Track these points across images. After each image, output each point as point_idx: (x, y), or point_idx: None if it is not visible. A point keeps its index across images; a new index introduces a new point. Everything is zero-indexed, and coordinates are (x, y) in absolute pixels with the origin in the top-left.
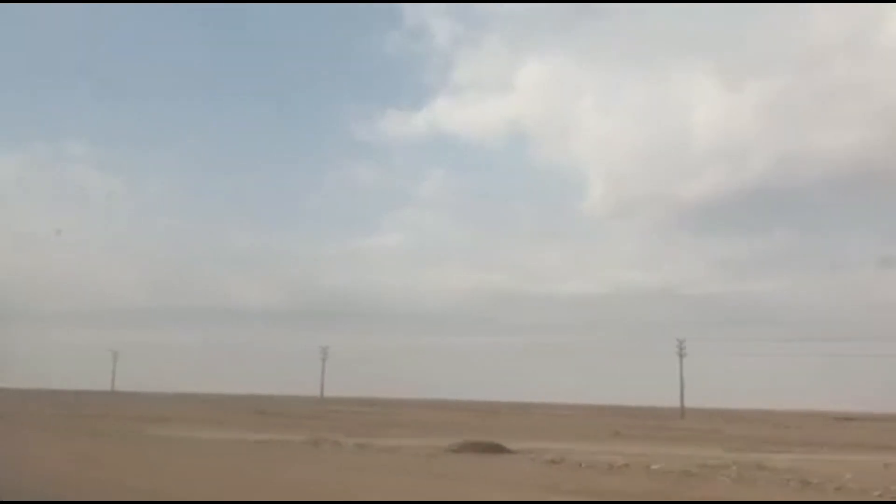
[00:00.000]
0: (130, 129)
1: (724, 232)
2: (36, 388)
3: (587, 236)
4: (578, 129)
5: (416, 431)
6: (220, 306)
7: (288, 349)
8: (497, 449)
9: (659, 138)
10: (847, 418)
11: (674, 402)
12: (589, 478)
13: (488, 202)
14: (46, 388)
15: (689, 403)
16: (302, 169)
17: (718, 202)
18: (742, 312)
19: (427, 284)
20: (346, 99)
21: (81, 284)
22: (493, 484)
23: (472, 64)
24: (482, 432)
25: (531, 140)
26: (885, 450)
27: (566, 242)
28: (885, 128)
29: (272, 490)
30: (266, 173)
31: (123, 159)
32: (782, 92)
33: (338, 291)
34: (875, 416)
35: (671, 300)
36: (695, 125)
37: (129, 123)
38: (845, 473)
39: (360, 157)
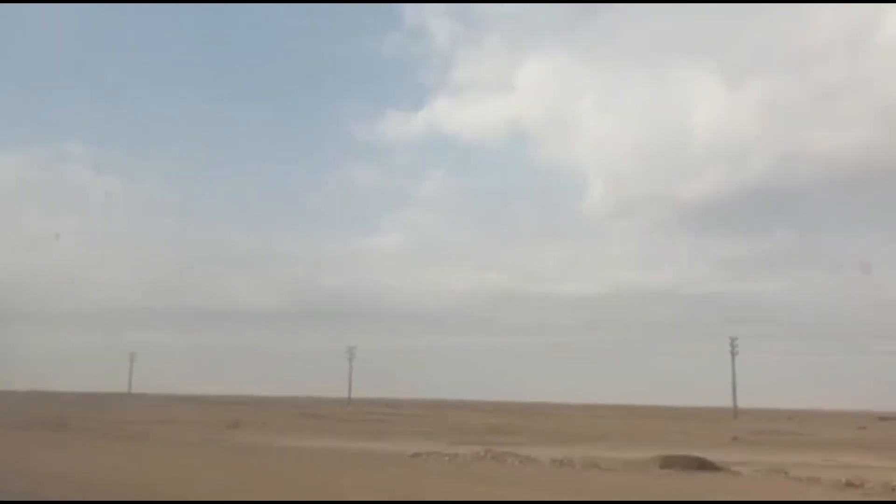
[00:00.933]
0: (130, 129)
1: (725, 232)
2: (48, 390)
3: (587, 236)
4: (578, 129)
5: (533, 439)
6: (220, 307)
7: (289, 349)
8: (706, 465)
9: (659, 138)
10: (884, 418)
11: (687, 402)
12: None
13: (488, 202)
14: (62, 390)
15: (697, 403)
16: (302, 169)
17: (719, 202)
18: (743, 312)
19: (427, 285)
20: (346, 99)
21: (83, 286)
22: None
23: (472, 64)
24: (587, 440)
25: (531, 140)
26: None
27: (566, 242)
28: (886, 127)
29: None
30: (266, 173)
31: (123, 160)
32: (782, 91)
33: (338, 292)
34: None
35: (671, 300)
36: (695, 125)
37: (128, 124)
38: None
39: (360, 157)
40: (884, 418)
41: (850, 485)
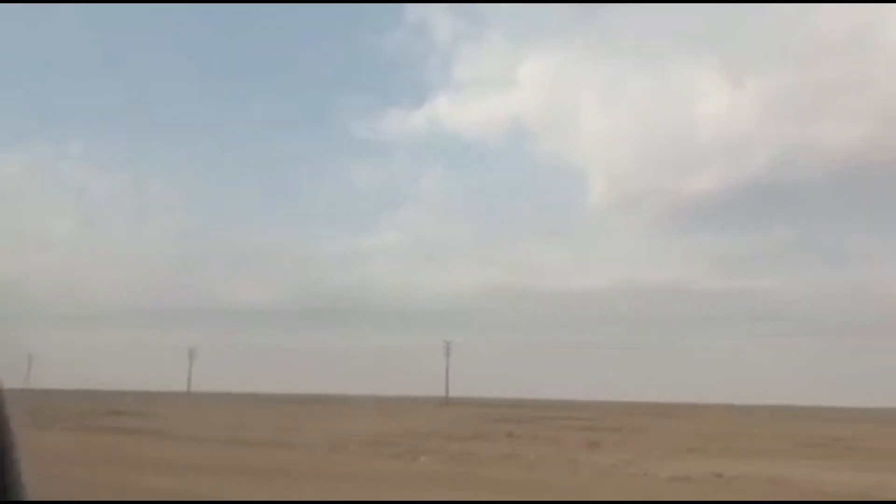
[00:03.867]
0: (131, 128)
1: (727, 227)
2: (101, 388)
3: (589, 232)
4: (580, 125)
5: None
6: (216, 307)
7: (291, 348)
8: None
9: (661, 134)
10: None
11: (706, 399)
12: None
13: (490, 199)
14: (116, 389)
15: (720, 400)
16: (302, 167)
17: (721, 197)
18: (744, 308)
19: (428, 283)
20: (347, 97)
21: (86, 286)
22: None
23: (474, 60)
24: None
25: (533, 136)
26: None
27: (568, 239)
28: (887, 123)
29: None
30: (267, 172)
31: (123, 159)
32: (785, 87)
33: (338, 291)
34: None
35: (673, 296)
36: (697, 120)
37: (129, 122)
38: None
39: (360, 155)
40: None
41: None
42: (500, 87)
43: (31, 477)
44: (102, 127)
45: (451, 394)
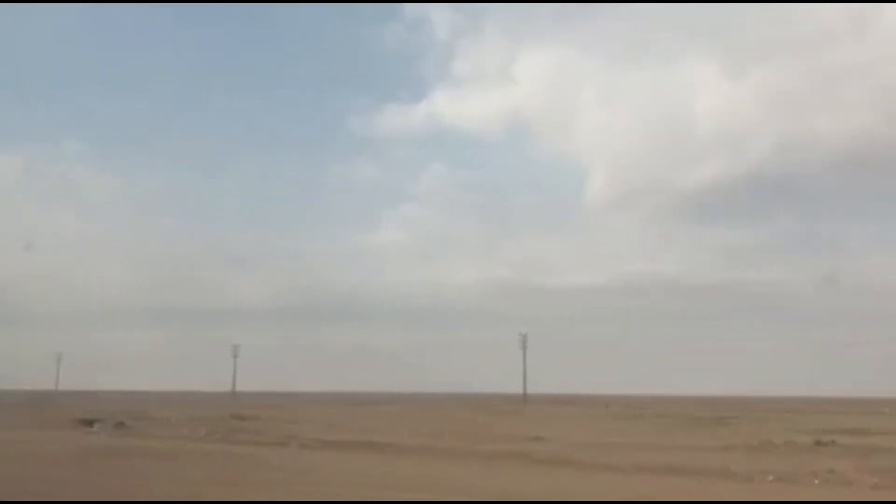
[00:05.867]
0: (129, 127)
1: (727, 220)
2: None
3: (589, 227)
4: (579, 120)
5: None
6: (224, 307)
7: (300, 347)
8: None
9: (660, 127)
10: None
11: (692, 391)
12: None
13: (490, 195)
14: (150, 389)
15: (669, 391)
16: (303, 166)
17: (721, 190)
18: (746, 301)
19: (429, 280)
20: (346, 94)
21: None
22: None
23: (472, 56)
24: None
25: (532, 132)
26: None
27: (568, 234)
28: (888, 113)
29: None
30: (267, 171)
31: (122, 161)
32: (783, 79)
33: (340, 290)
34: None
35: (674, 290)
36: (696, 114)
37: (128, 122)
38: None
39: (360, 152)
40: None
41: None
42: (499, 82)
43: None
44: (103, 128)
45: (458, 391)
